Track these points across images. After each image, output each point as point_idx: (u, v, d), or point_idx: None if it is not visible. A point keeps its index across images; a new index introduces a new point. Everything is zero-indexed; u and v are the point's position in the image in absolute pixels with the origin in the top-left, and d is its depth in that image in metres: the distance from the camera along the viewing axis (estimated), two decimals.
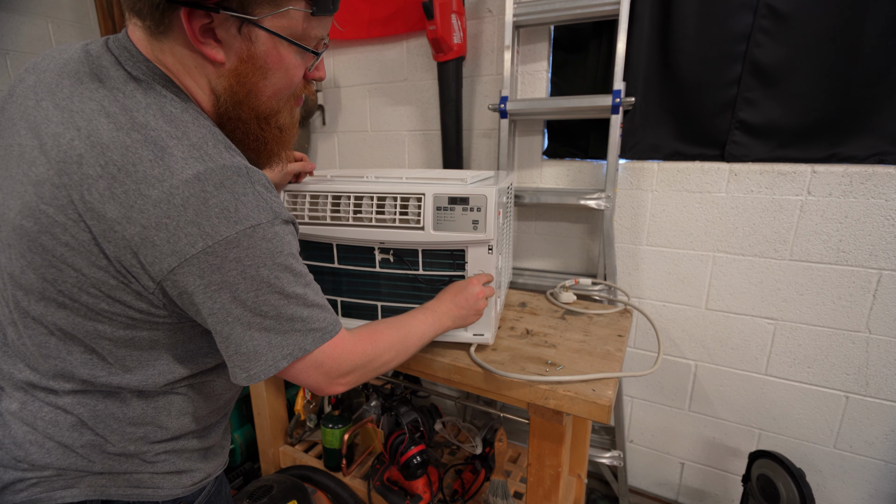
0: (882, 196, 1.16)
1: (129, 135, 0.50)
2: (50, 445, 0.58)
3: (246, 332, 0.54)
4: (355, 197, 0.96)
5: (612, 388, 0.89)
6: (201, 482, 0.68)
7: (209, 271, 0.50)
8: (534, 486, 1.00)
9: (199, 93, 0.58)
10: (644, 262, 1.47)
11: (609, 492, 1.66)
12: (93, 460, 0.60)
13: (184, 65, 0.56)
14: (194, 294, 0.51)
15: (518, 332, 1.13)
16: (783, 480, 1.17)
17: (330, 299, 1.07)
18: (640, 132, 1.37)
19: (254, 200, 0.52)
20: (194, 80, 0.57)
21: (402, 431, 1.34)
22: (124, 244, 0.49)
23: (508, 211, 1.21)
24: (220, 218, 0.49)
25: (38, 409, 0.58)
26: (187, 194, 0.48)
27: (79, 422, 0.58)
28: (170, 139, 0.50)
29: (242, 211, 0.51)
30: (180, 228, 0.48)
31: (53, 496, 0.59)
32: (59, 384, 0.58)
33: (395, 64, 1.71)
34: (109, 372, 0.58)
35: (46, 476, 0.58)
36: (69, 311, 0.54)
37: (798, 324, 1.31)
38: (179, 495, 0.65)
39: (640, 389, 1.58)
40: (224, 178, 0.51)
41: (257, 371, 0.56)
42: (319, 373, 0.61)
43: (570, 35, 1.42)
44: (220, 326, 0.54)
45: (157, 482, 0.63)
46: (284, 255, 0.55)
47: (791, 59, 1.17)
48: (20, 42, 2.01)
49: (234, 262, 0.51)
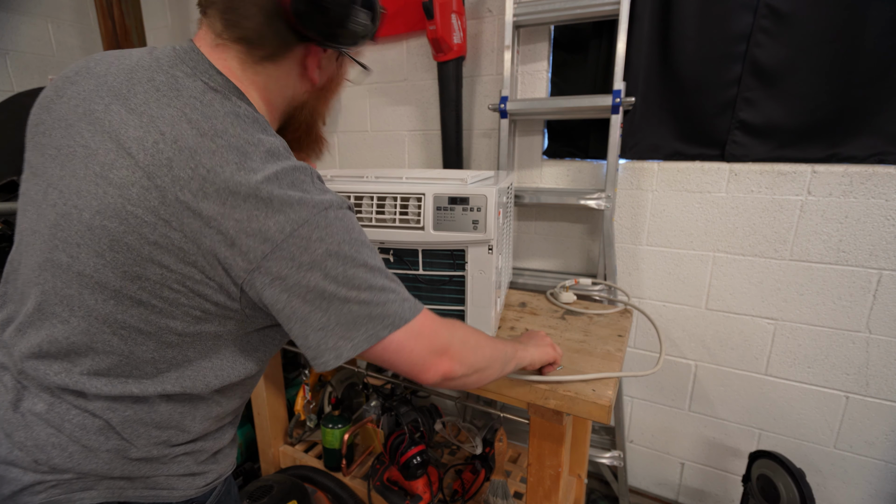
0: (882, 196, 1.16)
1: (213, 140, 0.54)
2: (73, 449, 0.59)
3: (343, 306, 0.56)
4: (355, 197, 0.96)
5: (612, 388, 0.89)
6: (213, 483, 0.69)
7: (298, 253, 0.54)
8: (534, 486, 1.00)
9: (262, 104, 0.65)
10: (644, 262, 1.47)
11: (609, 492, 1.66)
12: (114, 465, 0.61)
13: (278, 82, 0.65)
14: (287, 278, 0.54)
15: (518, 332, 1.13)
16: (783, 480, 1.17)
17: None
18: (640, 132, 1.37)
19: (321, 189, 0.59)
20: (268, 92, 0.65)
21: (402, 431, 1.34)
22: (220, 239, 0.53)
23: (508, 211, 1.21)
24: (300, 206, 0.55)
25: (65, 412, 0.59)
26: (270, 189, 0.54)
27: (106, 426, 0.59)
28: (248, 146, 0.56)
29: (316, 198, 0.57)
30: (269, 218, 0.53)
31: (72, 498, 0.59)
32: (95, 386, 0.58)
33: (395, 64, 1.71)
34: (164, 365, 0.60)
35: (66, 479, 0.59)
36: (144, 308, 0.56)
37: (798, 324, 1.31)
38: (193, 496, 0.67)
39: (640, 389, 1.58)
40: (295, 176, 0.57)
41: (354, 345, 0.57)
42: (420, 343, 0.61)
43: (570, 35, 1.42)
44: (314, 307, 0.56)
45: (172, 483, 0.65)
46: (358, 232, 0.60)
47: (791, 59, 1.17)
48: (20, 42, 2.01)
49: (318, 242, 0.55)
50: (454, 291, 0.99)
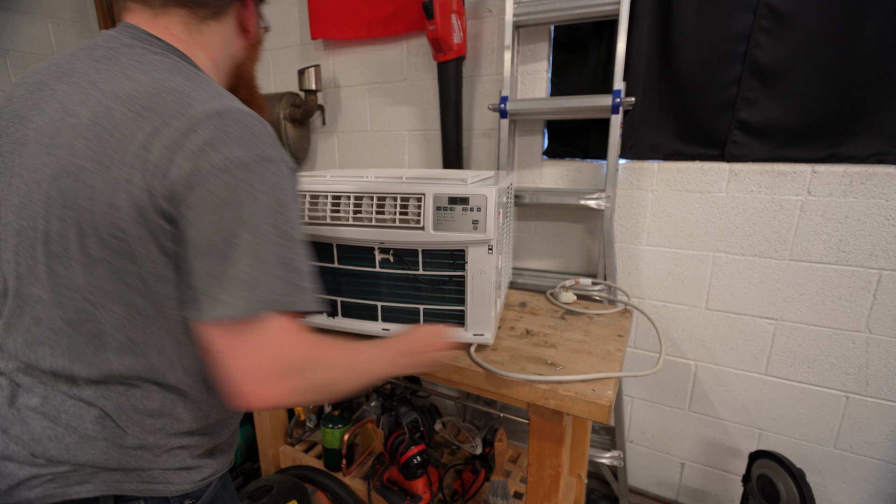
0: (882, 196, 1.16)
1: (151, 86, 0.55)
2: (70, 440, 0.59)
3: (242, 258, 0.53)
4: (355, 197, 0.96)
5: (612, 388, 0.89)
6: (209, 478, 0.69)
7: (223, 189, 0.53)
8: (534, 486, 1.00)
9: (209, 65, 0.68)
10: (644, 262, 1.47)
11: (609, 492, 1.66)
12: (110, 455, 0.61)
13: (222, 40, 0.69)
14: (206, 211, 0.52)
15: (518, 332, 1.13)
16: (783, 480, 1.17)
17: (330, 299, 1.07)
18: (640, 132, 1.37)
19: (269, 140, 0.58)
20: (215, 54, 0.68)
21: (402, 431, 1.34)
22: (149, 168, 0.53)
23: (508, 211, 1.21)
24: (237, 144, 0.54)
25: (60, 403, 0.59)
26: (208, 124, 0.54)
27: (101, 414, 0.60)
28: (189, 89, 0.56)
29: (259, 145, 0.56)
30: (202, 150, 0.53)
31: (68, 491, 0.60)
32: (83, 368, 0.59)
33: (395, 64, 1.71)
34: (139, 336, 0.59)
35: (62, 472, 0.59)
36: (104, 266, 0.56)
37: (798, 324, 1.31)
38: (188, 490, 0.67)
39: (640, 389, 1.58)
40: (243, 118, 0.56)
41: (231, 308, 0.53)
42: (281, 348, 0.55)
43: (570, 35, 1.42)
44: (213, 246, 0.53)
45: (168, 478, 0.65)
46: (289, 197, 0.58)
47: (791, 59, 1.17)
48: (20, 42, 2.01)
49: (246, 186, 0.54)
50: (454, 291, 0.99)
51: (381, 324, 1.05)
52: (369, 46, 1.75)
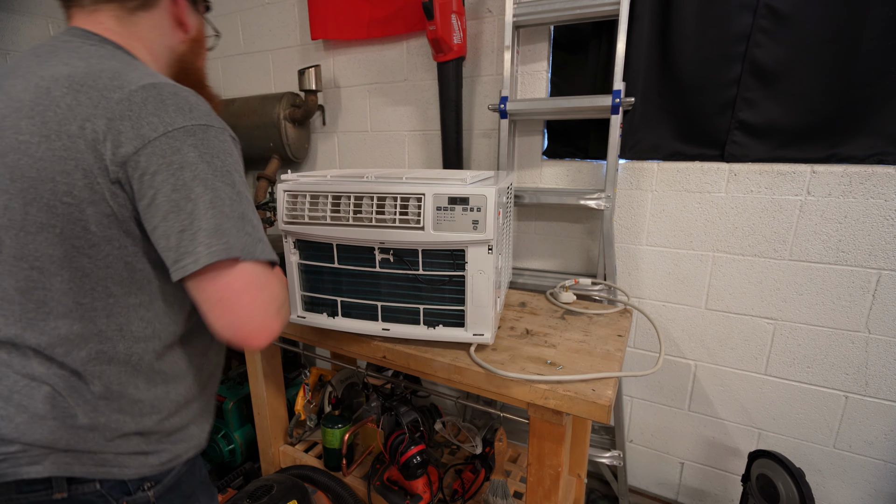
0: (881, 196, 1.16)
1: (86, 68, 0.60)
2: (20, 419, 0.60)
3: (208, 211, 0.58)
4: (355, 197, 0.96)
5: (612, 387, 0.89)
6: (169, 463, 0.70)
7: (170, 152, 0.57)
8: (534, 486, 1.00)
9: (146, 56, 0.71)
10: (644, 261, 1.47)
11: (609, 491, 1.66)
12: (59, 435, 0.61)
13: (156, 31, 0.72)
14: (157, 173, 0.57)
15: (518, 332, 1.13)
16: (783, 480, 1.17)
17: (330, 299, 1.07)
18: (639, 132, 1.37)
19: (207, 110, 0.62)
20: (151, 45, 0.71)
21: (402, 431, 1.34)
22: (93, 138, 0.56)
23: (508, 211, 1.21)
24: (177, 112, 0.59)
25: (13, 383, 0.61)
26: (145, 95, 0.58)
27: (53, 392, 0.61)
28: (123, 69, 0.61)
29: (197, 112, 0.61)
30: (142, 118, 0.57)
31: (19, 472, 0.60)
32: (34, 336, 0.60)
33: (395, 64, 1.71)
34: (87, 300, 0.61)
35: (12, 452, 0.60)
36: (48, 232, 0.58)
37: (797, 324, 1.31)
38: (147, 474, 0.67)
39: (639, 389, 1.58)
40: (178, 90, 0.61)
41: (210, 252, 0.57)
42: (265, 293, 0.63)
43: (570, 35, 1.42)
44: (176, 205, 0.57)
45: (123, 461, 0.65)
46: (235, 161, 0.63)
47: (791, 59, 1.17)
48: (20, 42, 2.01)
49: (192, 147, 0.58)
50: (454, 291, 0.99)
51: (381, 324, 1.05)
52: (369, 47, 1.75)
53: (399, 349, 1.06)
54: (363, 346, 1.10)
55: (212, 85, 0.87)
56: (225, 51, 2.14)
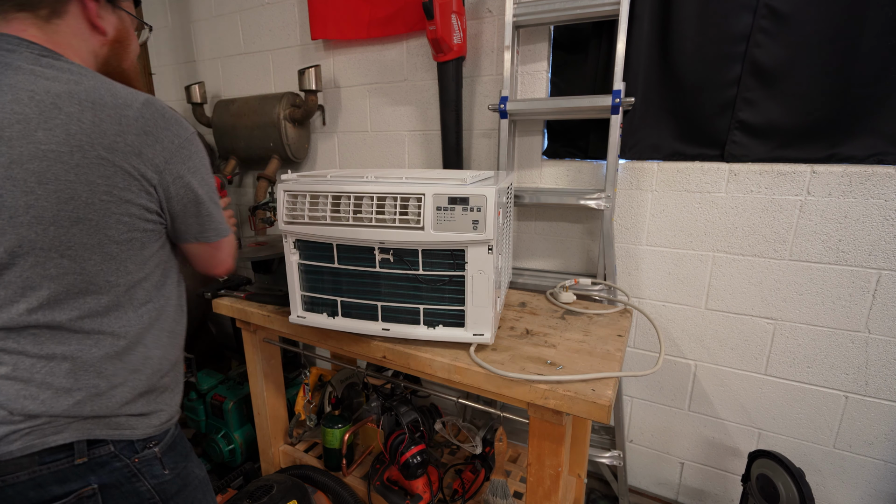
0: (881, 196, 1.16)
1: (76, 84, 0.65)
2: (45, 395, 0.66)
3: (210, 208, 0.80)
4: (355, 197, 0.96)
5: (612, 387, 0.89)
6: (166, 424, 0.80)
7: (187, 158, 0.73)
8: (534, 485, 1.00)
9: (79, 62, 0.74)
10: (644, 261, 1.47)
11: (609, 491, 1.66)
12: (84, 404, 0.69)
13: (78, 38, 0.73)
14: (185, 175, 0.73)
15: (518, 332, 1.13)
16: (783, 480, 1.17)
17: (330, 299, 1.07)
18: (639, 132, 1.37)
19: (181, 119, 0.75)
20: (78, 51, 0.73)
21: (402, 431, 1.34)
22: (129, 150, 0.66)
23: (508, 211, 1.21)
24: (177, 125, 0.72)
25: (31, 366, 0.66)
26: (151, 111, 0.69)
27: (72, 367, 0.68)
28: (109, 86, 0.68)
29: (184, 124, 0.74)
30: (160, 131, 0.69)
31: (46, 441, 0.67)
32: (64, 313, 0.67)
33: (395, 64, 1.71)
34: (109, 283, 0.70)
35: (38, 424, 0.66)
36: (83, 225, 0.66)
37: (797, 324, 1.31)
38: (151, 434, 0.77)
39: (639, 389, 1.58)
40: (162, 104, 0.72)
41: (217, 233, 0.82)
42: (230, 249, 0.89)
43: (570, 35, 1.42)
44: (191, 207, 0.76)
45: (133, 423, 0.75)
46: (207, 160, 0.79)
47: (791, 59, 1.17)
48: None
49: (196, 154, 0.75)
50: (454, 291, 0.99)
51: (381, 324, 1.05)
52: (369, 47, 1.75)
53: (399, 349, 1.06)
54: (363, 346, 1.10)
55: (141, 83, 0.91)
56: (225, 51, 2.14)
